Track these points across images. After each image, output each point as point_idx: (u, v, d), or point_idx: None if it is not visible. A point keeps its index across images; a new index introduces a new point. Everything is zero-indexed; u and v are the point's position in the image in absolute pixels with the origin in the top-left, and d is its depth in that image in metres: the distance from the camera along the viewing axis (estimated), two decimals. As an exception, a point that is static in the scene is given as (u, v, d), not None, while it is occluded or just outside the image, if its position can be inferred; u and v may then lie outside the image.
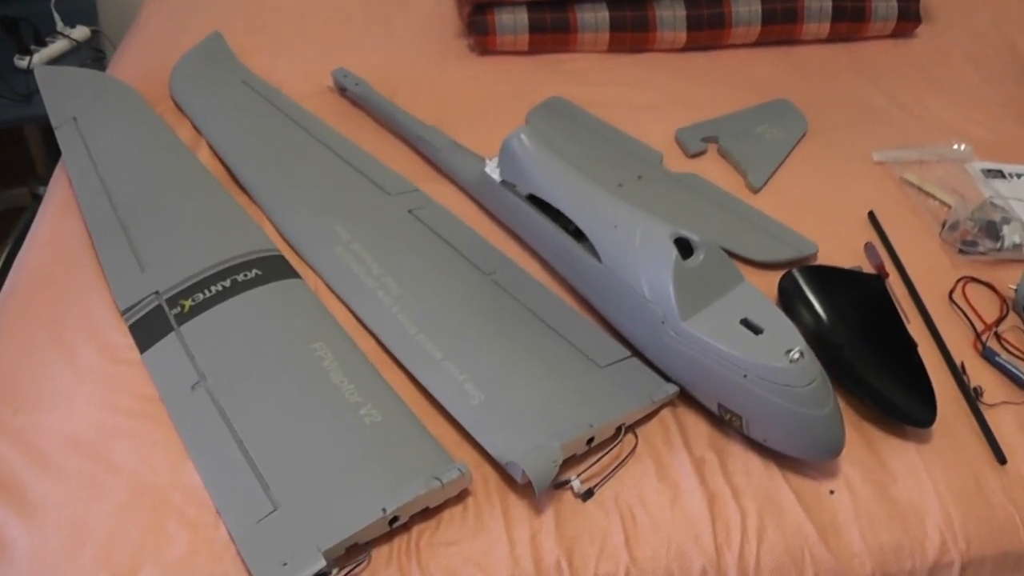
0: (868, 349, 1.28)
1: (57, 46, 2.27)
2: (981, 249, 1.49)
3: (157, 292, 1.37)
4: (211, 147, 1.71)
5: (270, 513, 1.07)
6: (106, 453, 1.16)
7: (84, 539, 1.07)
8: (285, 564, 1.01)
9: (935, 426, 1.20)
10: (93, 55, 2.32)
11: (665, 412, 1.22)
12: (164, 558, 1.05)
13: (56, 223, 1.54)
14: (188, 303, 1.35)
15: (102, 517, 1.09)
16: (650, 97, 1.89)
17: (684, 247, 1.21)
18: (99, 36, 2.43)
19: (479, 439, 1.15)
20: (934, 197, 1.62)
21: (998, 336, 1.36)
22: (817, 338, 1.25)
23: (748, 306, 1.18)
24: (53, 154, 1.72)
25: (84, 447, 1.17)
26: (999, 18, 2.24)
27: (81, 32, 2.34)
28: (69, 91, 1.87)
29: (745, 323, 1.16)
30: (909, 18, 2.10)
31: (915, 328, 1.35)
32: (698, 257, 1.20)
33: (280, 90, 1.86)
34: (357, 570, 1.03)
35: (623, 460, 1.16)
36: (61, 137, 1.72)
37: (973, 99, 1.93)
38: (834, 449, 1.13)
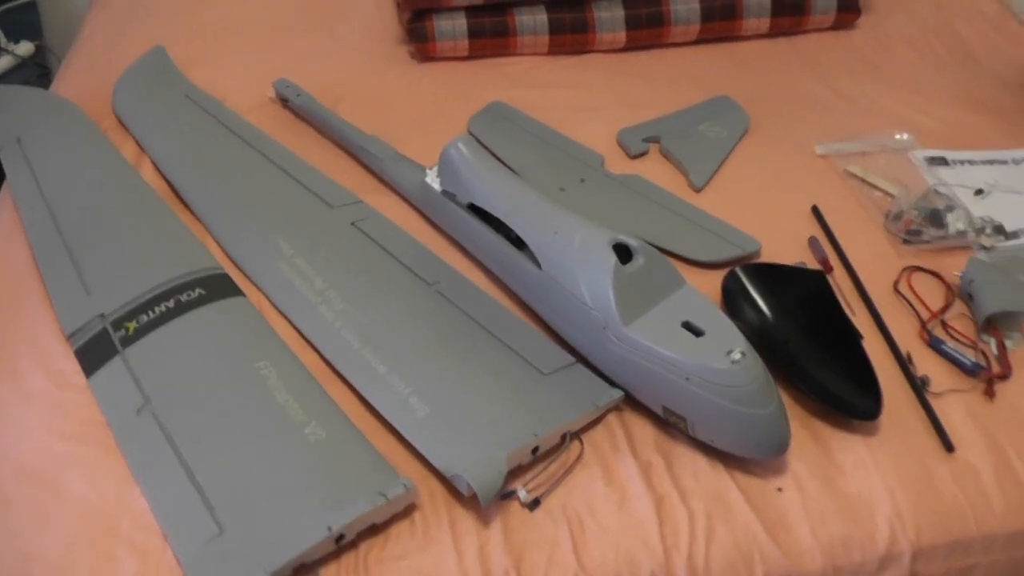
0: (813, 344, 1.29)
1: (1, 63, 2.25)
2: (926, 238, 1.49)
3: (102, 315, 1.36)
4: (154, 164, 1.69)
5: (216, 536, 1.06)
6: (54, 480, 1.15)
7: (32, 568, 1.06)
8: (232, 587, 1.01)
9: (883, 418, 1.21)
10: (38, 71, 2.31)
11: (611, 417, 1.23)
12: (113, 586, 1.04)
13: (0, 247, 1.53)
14: (132, 325, 1.34)
15: (51, 545, 1.08)
16: (592, 99, 1.89)
17: (623, 252, 1.21)
18: (44, 51, 2.41)
19: (424, 453, 1.15)
20: (878, 188, 1.62)
21: (944, 324, 1.36)
22: (762, 336, 1.26)
23: (689, 309, 1.18)
24: (-3, 175, 1.71)
25: (32, 475, 1.16)
26: (941, 5, 2.24)
27: (25, 48, 2.34)
28: (12, 111, 1.85)
29: (686, 326, 1.16)
30: (849, 9, 2.11)
31: (861, 320, 1.36)
32: (637, 262, 1.20)
33: (223, 103, 1.85)
34: (305, 590, 1.03)
35: (569, 467, 1.16)
36: (4, 158, 1.71)
37: (916, 87, 1.94)
38: (780, 447, 1.14)
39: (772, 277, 1.37)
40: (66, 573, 1.05)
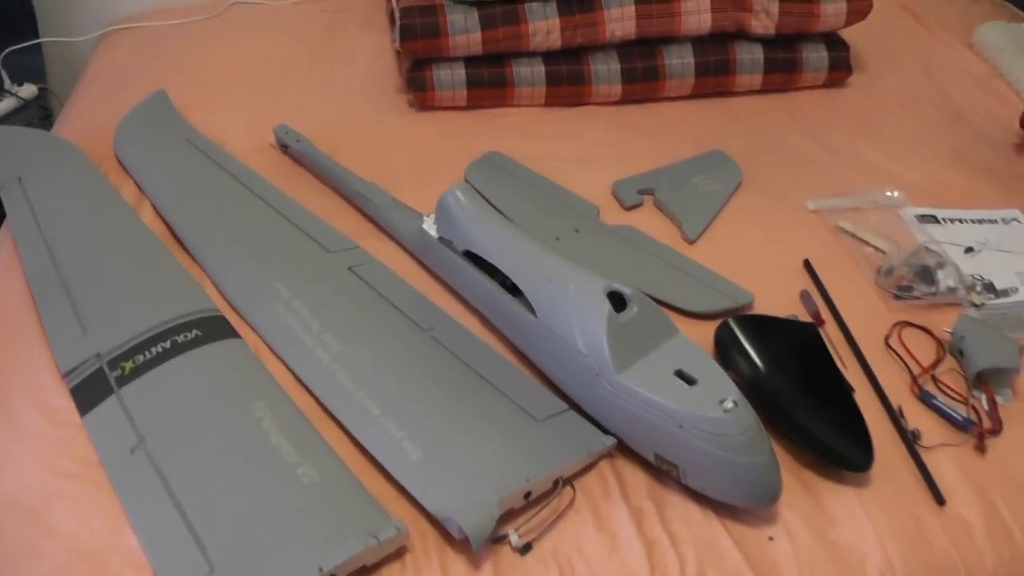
0: (804, 396, 1.30)
1: (3, 105, 2.26)
2: (916, 294, 1.51)
3: (98, 354, 1.36)
4: (154, 206, 1.70)
5: (207, 575, 1.06)
6: (46, 517, 1.15)
7: (21, 606, 1.05)
8: (222, 626, 1.01)
9: (874, 470, 1.21)
10: (40, 113, 2.31)
11: (603, 463, 1.23)
12: (101, 623, 1.03)
13: (-1, 284, 1.53)
14: (128, 365, 1.34)
15: (40, 582, 1.07)
16: (587, 150, 1.91)
17: (617, 300, 1.22)
18: (47, 93, 2.42)
19: (416, 495, 1.15)
20: (869, 244, 1.64)
21: (935, 379, 1.37)
22: (754, 386, 1.26)
23: (682, 357, 1.19)
24: (-3, 214, 1.71)
25: (23, 510, 1.15)
26: (931, 66, 2.28)
27: (28, 90, 2.34)
28: (14, 151, 1.86)
29: (679, 374, 1.17)
30: (840, 68, 2.15)
31: (852, 373, 1.36)
32: (631, 310, 1.22)
33: (223, 147, 1.86)
34: (295, 631, 1.03)
35: (561, 513, 1.16)
36: (5, 197, 1.71)
37: (906, 145, 1.96)
38: (771, 495, 1.14)
39: (765, 329, 1.38)
40: (55, 610, 1.05)
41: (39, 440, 1.26)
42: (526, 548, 1.12)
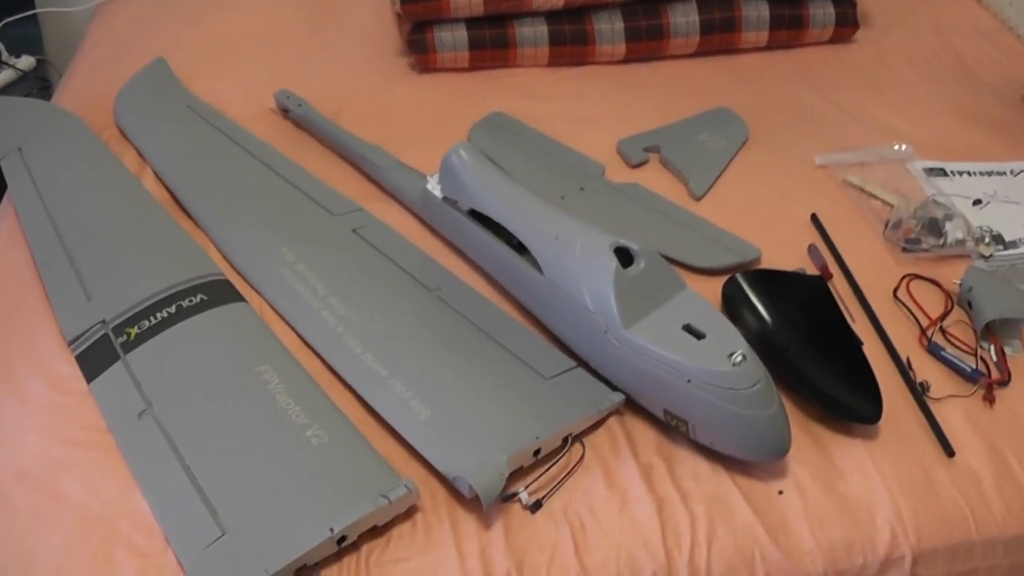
0: (813, 349, 1.29)
1: (2, 76, 2.26)
2: (924, 246, 1.50)
3: (103, 321, 1.36)
4: (156, 173, 1.69)
5: (218, 538, 1.06)
6: (54, 485, 1.15)
7: (32, 572, 1.05)
8: (234, 589, 1.01)
9: (883, 422, 1.21)
10: (39, 84, 2.31)
11: (612, 420, 1.23)
12: (113, 588, 1.03)
13: (1, 254, 1.53)
14: (134, 331, 1.34)
15: (50, 549, 1.08)
16: (591, 109, 1.90)
17: (624, 256, 1.22)
18: (45, 65, 2.42)
19: (426, 455, 1.15)
20: (877, 198, 1.63)
21: (943, 331, 1.37)
22: (762, 341, 1.26)
23: (690, 312, 1.19)
24: (-1, 185, 1.71)
25: (31, 479, 1.16)
26: (937, 21, 2.26)
27: (26, 62, 2.34)
28: (14, 121, 1.85)
29: (687, 329, 1.16)
30: (847, 24, 2.12)
31: (860, 327, 1.36)
32: (639, 265, 1.21)
33: (224, 113, 1.85)
34: (307, 592, 1.03)
35: (571, 470, 1.16)
36: (6, 167, 1.71)
37: (914, 100, 1.95)
38: (781, 449, 1.14)
39: (773, 283, 1.38)
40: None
41: (46, 408, 1.26)
42: (536, 506, 1.12)
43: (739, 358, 1.11)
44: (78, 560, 1.06)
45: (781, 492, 1.15)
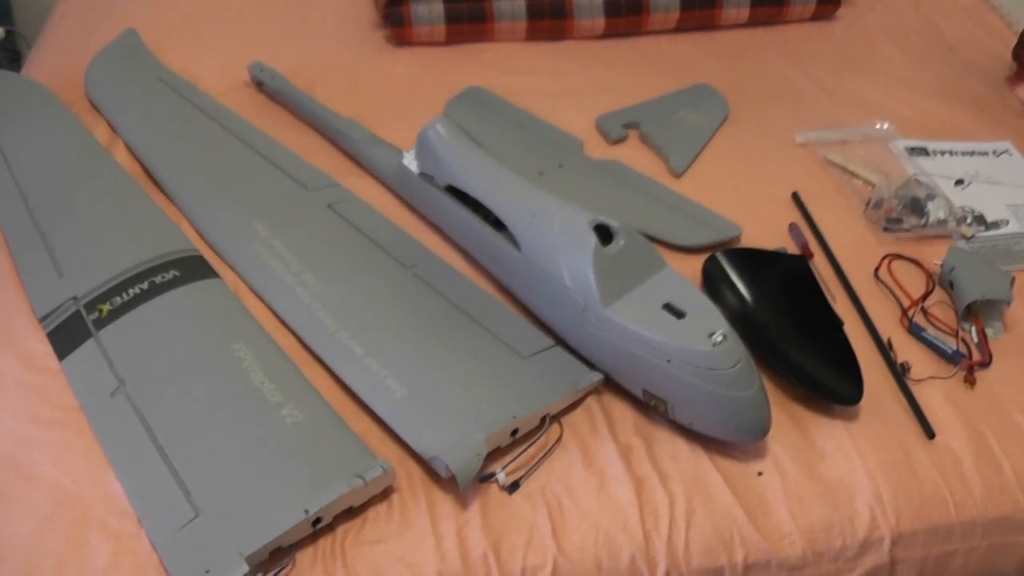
0: (793, 329, 1.29)
1: (-30, 48, 2.23)
2: (906, 226, 1.49)
3: (75, 297, 1.33)
4: (128, 146, 1.67)
5: (192, 520, 1.05)
6: (26, 465, 1.13)
7: (4, 554, 1.04)
8: (208, 571, 0.99)
9: (863, 403, 1.20)
10: (8, 56, 2.27)
11: (590, 400, 1.21)
12: (86, 570, 1.02)
13: (-30, 231, 1.50)
14: (106, 307, 1.32)
15: (22, 531, 1.06)
16: (570, 84, 1.88)
17: (604, 233, 1.20)
18: (14, 36, 2.38)
19: (402, 435, 1.14)
20: (858, 176, 1.62)
21: (924, 311, 1.36)
22: (742, 320, 1.25)
23: (670, 291, 1.17)
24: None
25: (3, 460, 1.13)
26: (920, 0, 2.25)
27: (-5, 32, 2.31)
28: (-19, 95, 1.82)
29: (667, 308, 1.15)
30: (829, 1, 2.12)
31: (841, 306, 1.35)
32: (618, 243, 1.19)
33: (197, 86, 1.83)
34: (281, 574, 1.02)
35: (549, 450, 1.15)
36: (-26, 142, 1.68)
37: (896, 79, 1.95)
38: (760, 430, 1.13)
39: (753, 262, 1.37)
40: (38, 557, 1.03)
41: (17, 387, 1.23)
42: (514, 487, 1.10)
43: (719, 338, 1.09)
44: (50, 542, 1.05)
45: (760, 473, 1.14)
